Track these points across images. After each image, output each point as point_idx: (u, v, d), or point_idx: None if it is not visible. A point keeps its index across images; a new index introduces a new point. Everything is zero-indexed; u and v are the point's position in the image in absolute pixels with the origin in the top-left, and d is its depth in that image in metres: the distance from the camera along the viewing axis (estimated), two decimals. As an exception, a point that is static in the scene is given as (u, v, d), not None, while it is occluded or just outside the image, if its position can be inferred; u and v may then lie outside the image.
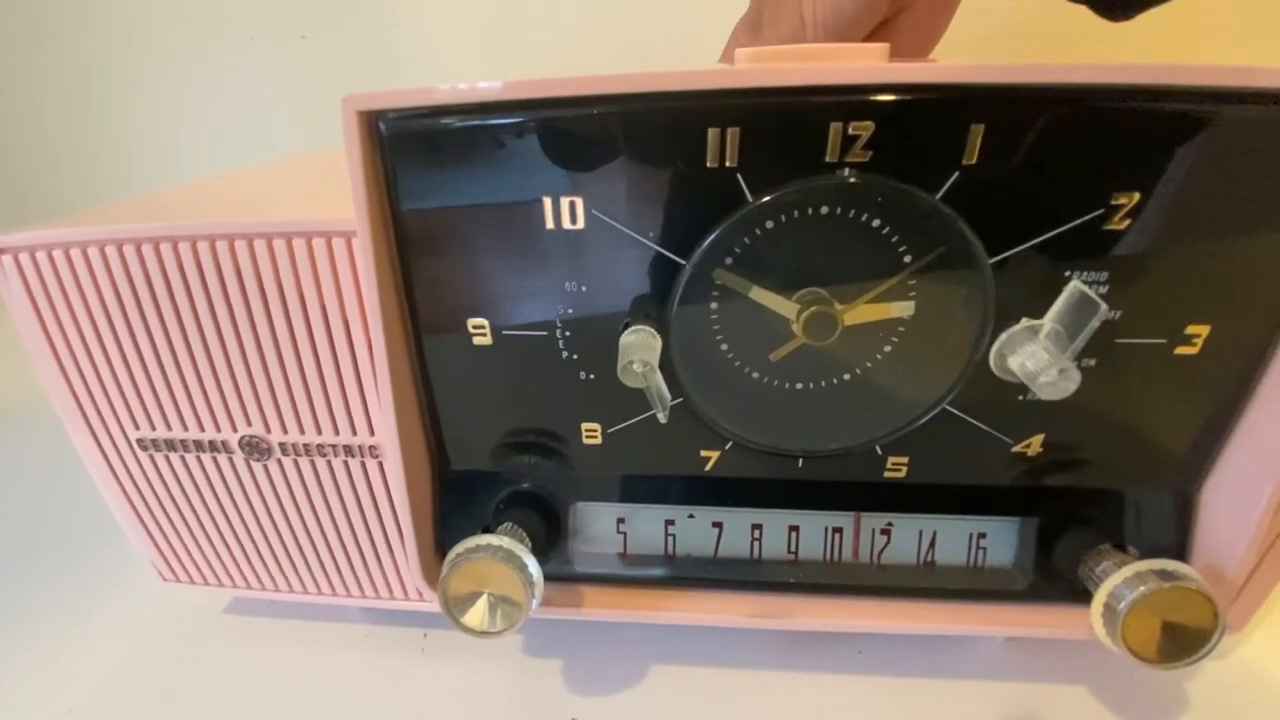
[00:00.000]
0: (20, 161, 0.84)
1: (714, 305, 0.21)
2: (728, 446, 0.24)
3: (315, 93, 0.72)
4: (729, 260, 0.20)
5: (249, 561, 0.29)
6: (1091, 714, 0.26)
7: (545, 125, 0.19)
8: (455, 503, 0.27)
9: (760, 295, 0.21)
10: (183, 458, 0.27)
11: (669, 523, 0.26)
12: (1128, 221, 0.19)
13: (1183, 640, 0.22)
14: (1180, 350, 0.21)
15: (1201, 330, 0.21)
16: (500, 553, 0.23)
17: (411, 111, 0.19)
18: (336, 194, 0.25)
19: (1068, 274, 0.20)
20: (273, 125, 0.74)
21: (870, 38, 0.27)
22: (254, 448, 0.26)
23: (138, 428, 0.26)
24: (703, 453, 0.25)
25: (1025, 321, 0.20)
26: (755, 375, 0.23)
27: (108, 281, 0.24)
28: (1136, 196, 0.18)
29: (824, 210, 0.20)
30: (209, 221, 0.23)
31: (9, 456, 0.48)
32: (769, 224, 0.20)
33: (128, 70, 0.76)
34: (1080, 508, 0.25)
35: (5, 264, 0.24)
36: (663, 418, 0.21)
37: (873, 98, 0.18)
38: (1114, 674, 0.27)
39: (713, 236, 0.20)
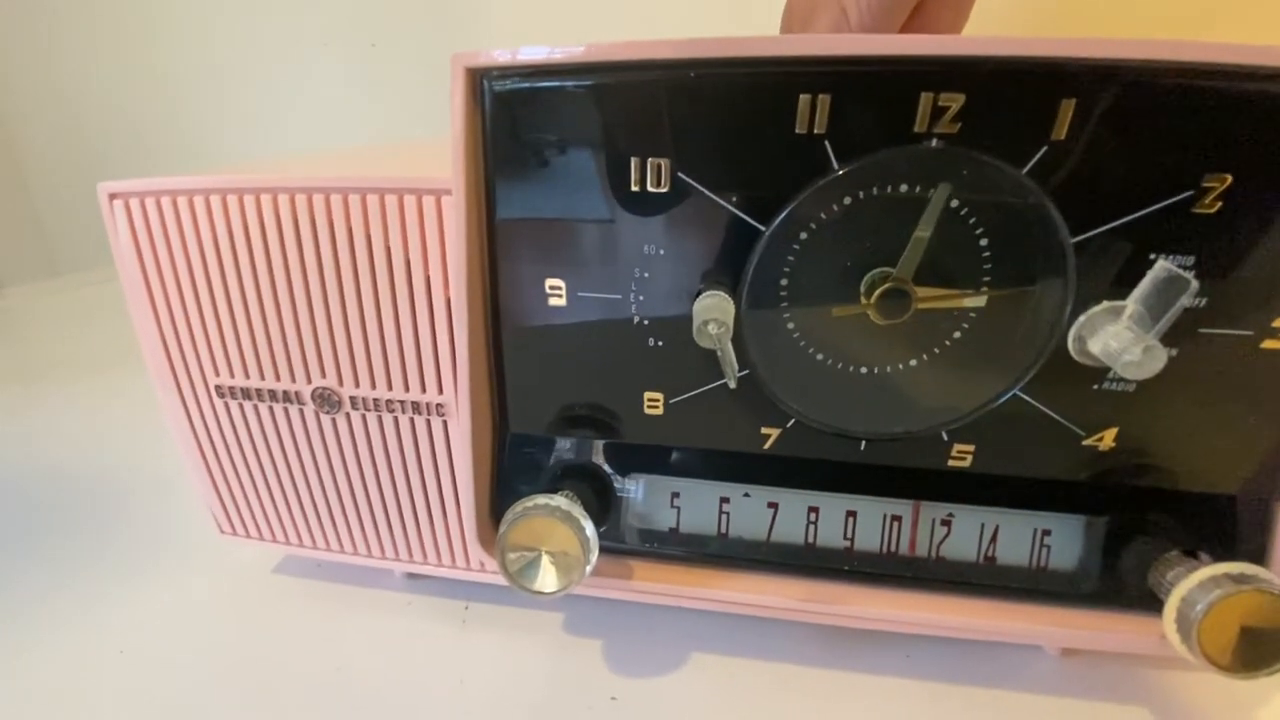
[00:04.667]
0: (99, 153, 0.89)
1: (785, 280, 0.22)
2: (789, 424, 0.24)
3: (382, 95, 0.76)
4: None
5: (305, 518, 0.30)
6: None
7: (641, 87, 0.20)
8: (513, 467, 0.27)
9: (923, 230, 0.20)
10: (256, 406, 0.28)
11: (724, 500, 0.26)
12: (1219, 205, 0.19)
13: (1263, 647, 0.21)
14: (1267, 344, 0.20)
15: (1290, 324, 0.20)
16: (559, 512, 0.23)
17: (517, 70, 0.20)
18: (411, 165, 0.26)
19: (1152, 257, 0.19)
20: (342, 123, 0.78)
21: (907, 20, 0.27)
22: (325, 400, 0.27)
23: (218, 374, 0.27)
24: (763, 430, 0.25)
25: (1106, 303, 0.20)
26: (820, 356, 0.23)
27: (209, 229, 0.25)
28: (1229, 179, 0.18)
29: (904, 189, 0.20)
30: (308, 175, 0.24)
31: (84, 412, 0.51)
32: (847, 199, 0.21)
33: (208, 68, 0.81)
34: (1151, 510, 0.24)
35: (116, 209, 0.26)
36: (732, 383, 0.21)
37: (964, 69, 0.18)
38: (1173, 695, 0.26)
39: (795, 203, 0.20)
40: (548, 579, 0.24)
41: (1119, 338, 0.19)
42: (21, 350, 0.68)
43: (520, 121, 0.21)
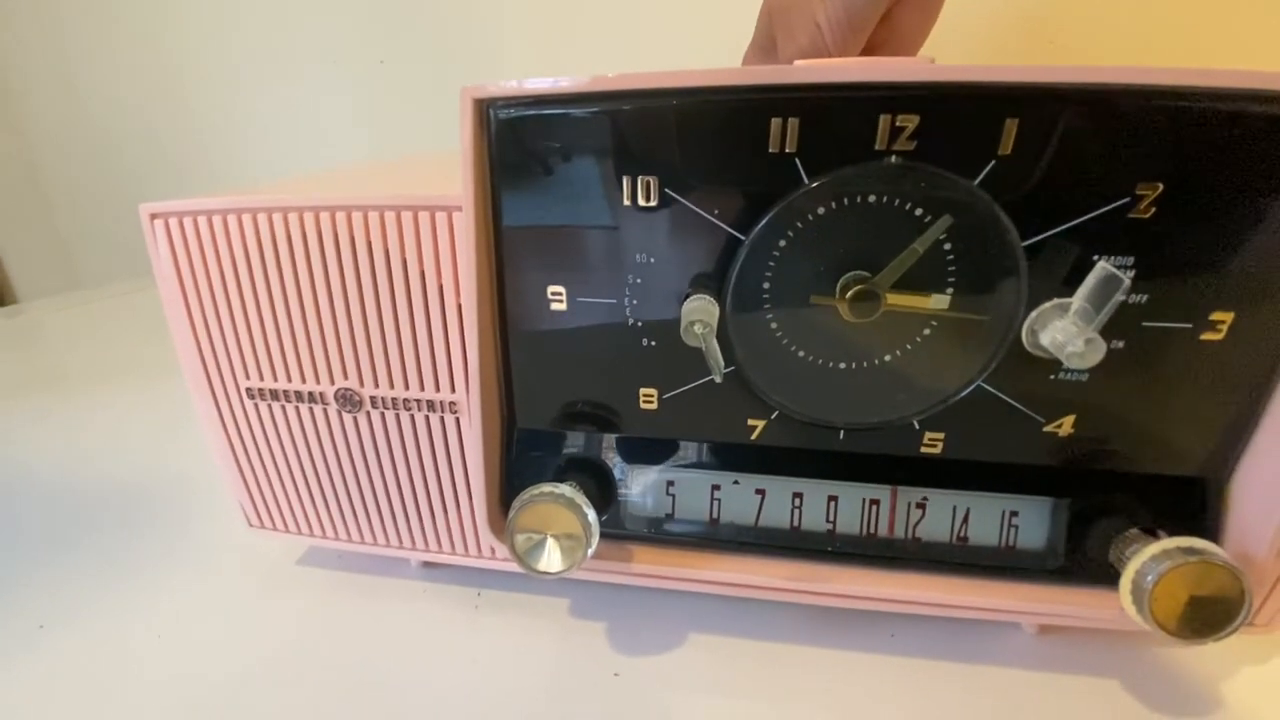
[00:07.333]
0: (119, 170, 0.93)
1: (765, 283, 0.24)
2: (773, 416, 0.26)
3: (390, 110, 0.79)
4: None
5: (329, 511, 0.32)
6: (1123, 708, 0.26)
7: (630, 113, 0.22)
8: (520, 460, 0.29)
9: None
10: (283, 407, 0.30)
11: (715, 488, 0.28)
12: (1153, 210, 0.21)
13: (1210, 615, 0.22)
14: (1206, 336, 0.22)
15: (1226, 317, 0.22)
16: (563, 499, 0.25)
17: (519, 100, 0.22)
18: (424, 183, 0.29)
19: (1096, 258, 0.21)
20: (352, 137, 0.81)
21: (874, 32, 0.29)
22: (347, 400, 0.29)
23: (248, 377, 0.30)
24: (750, 421, 0.27)
25: (1056, 300, 0.22)
26: (799, 353, 0.25)
27: (240, 245, 0.27)
28: (1160, 187, 0.20)
29: (871, 199, 0.22)
30: (331, 194, 0.26)
31: (106, 417, 0.53)
32: (820, 210, 0.23)
33: (224, 84, 0.84)
34: (1111, 492, 0.26)
35: (156, 228, 0.28)
36: (718, 378, 0.23)
37: (918, 93, 0.20)
38: (1147, 670, 0.28)
39: (771, 214, 0.23)
40: (553, 560, 0.26)
41: (1064, 331, 0.21)
42: (45, 359, 0.71)
43: (523, 145, 0.23)
